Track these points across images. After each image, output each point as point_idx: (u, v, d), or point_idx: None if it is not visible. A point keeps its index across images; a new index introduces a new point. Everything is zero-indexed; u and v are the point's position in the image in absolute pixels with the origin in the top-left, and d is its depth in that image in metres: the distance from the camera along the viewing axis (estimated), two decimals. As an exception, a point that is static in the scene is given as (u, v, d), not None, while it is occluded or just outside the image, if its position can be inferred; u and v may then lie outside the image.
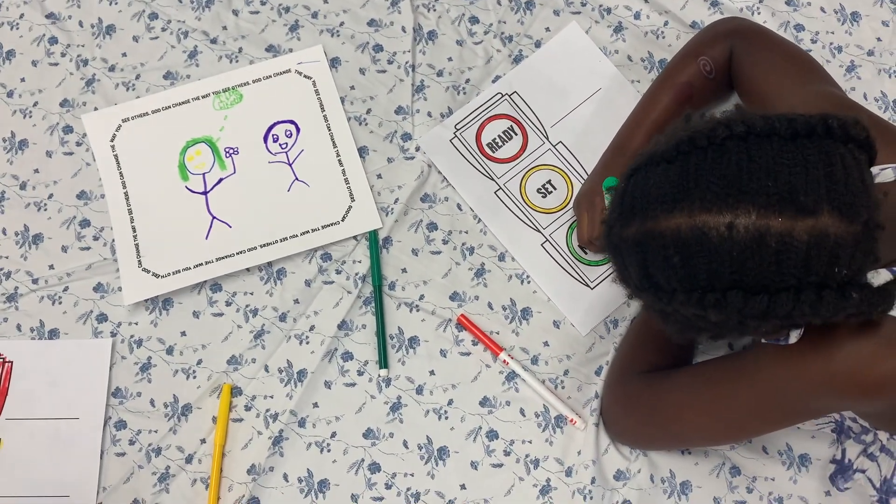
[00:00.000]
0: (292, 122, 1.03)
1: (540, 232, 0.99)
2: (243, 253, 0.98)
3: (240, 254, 0.98)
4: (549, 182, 1.01)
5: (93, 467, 0.91)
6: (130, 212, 1.00)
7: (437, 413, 0.93)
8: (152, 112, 1.04)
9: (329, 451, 0.92)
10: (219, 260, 0.97)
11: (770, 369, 0.71)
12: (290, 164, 1.02)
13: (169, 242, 0.98)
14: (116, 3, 1.09)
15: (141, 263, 0.97)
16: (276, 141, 1.03)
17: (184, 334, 0.96)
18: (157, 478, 0.91)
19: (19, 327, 0.96)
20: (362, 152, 1.03)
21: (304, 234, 0.99)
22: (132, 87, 1.05)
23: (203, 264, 0.97)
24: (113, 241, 0.99)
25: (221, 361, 0.95)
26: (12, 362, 0.94)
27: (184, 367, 0.95)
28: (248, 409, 0.93)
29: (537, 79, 1.05)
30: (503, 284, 0.98)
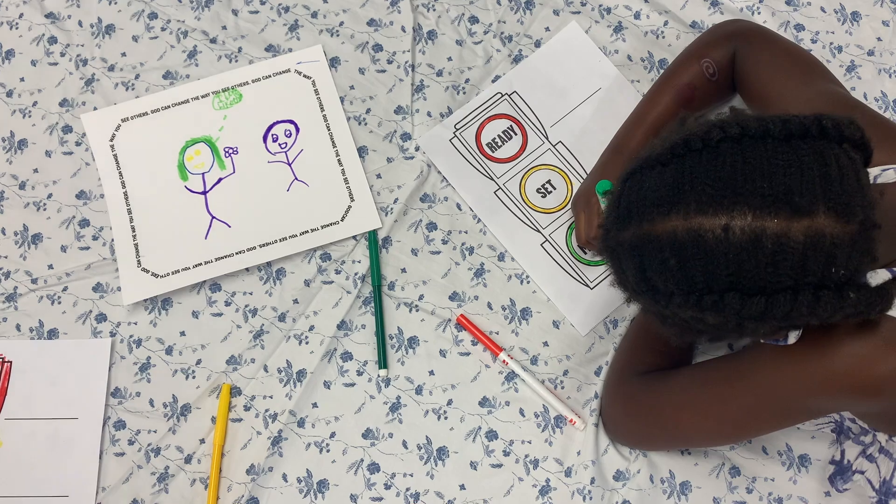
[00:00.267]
0: (292, 122, 1.03)
1: (539, 232, 0.99)
2: (242, 253, 0.98)
3: (239, 254, 0.98)
4: (548, 182, 1.01)
5: (92, 467, 0.91)
6: (130, 211, 1.00)
7: (437, 413, 0.93)
8: (152, 112, 1.04)
9: (328, 451, 0.92)
10: (218, 260, 0.97)
11: (769, 370, 0.71)
12: (289, 164, 1.02)
13: (168, 242, 0.98)
14: (116, 2, 1.09)
15: (140, 263, 0.97)
16: (275, 141, 1.03)
17: (183, 334, 0.96)
18: (156, 478, 0.91)
19: (18, 327, 0.96)
20: (362, 152, 1.03)
21: (304, 233, 0.98)
22: (131, 86, 1.05)
23: (202, 264, 0.97)
24: (112, 240, 0.99)
25: (221, 361, 0.95)
26: (11, 362, 0.94)
27: (183, 367, 0.95)
28: (247, 409, 0.93)
29: (537, 79, 1.05)
30: (503, 284, 0.98)
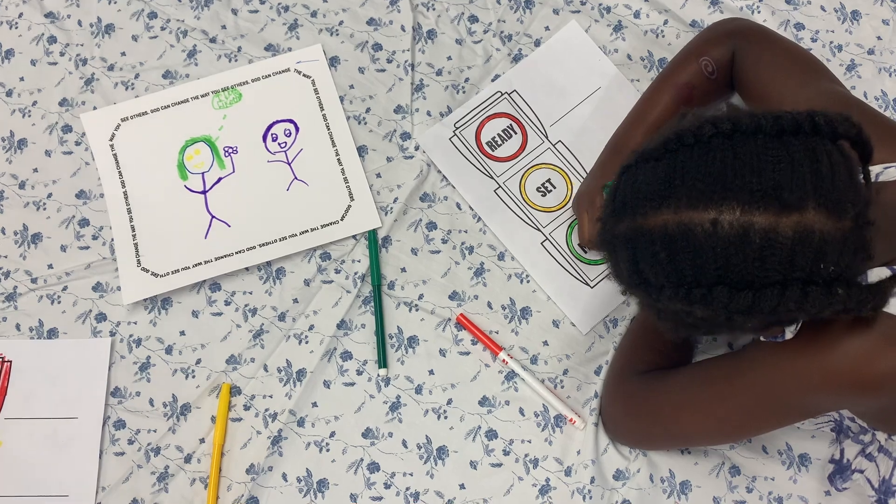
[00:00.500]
0: (291, 122, 1.03)
1: (539, 231, 0.99)
2: (242, 252, 0.98)
3: (239, 253, 0.98)
4: (548, 181, 1.01)
5: (92, 467, 0.91)
6: (129, 211, 0.99)
7: (437, 412, 0.93)
8: (151, 111, 1.04)
9: (328, 450, 0.92)
10: (218, 259, 0.97)
11: (768, 367, 0.71)
12: (289, 164, 1.01)
13: (168, 242, 0.98)
14: (115, 2, 1.09)
15: (140, 263, 0.97)
16: (275, 140, 1.03)
17: (183, 334, 0.96)
18: (156, 477, 0.91)
19: (18, 327, 0.96)
20: (361, 151, 1.03)
21: (303, 233, 0.98)
22: (131, 86, 1.05)
23: (202, 263, 0.97)
24: (112, 240, 0.99)
25: (220, 361, 0.95)
26: (11, 362, 0.94)
27: (183, 367, 0.95)
28: (247, 408, 0.93)
29: (537, 78, 1.05)
30: (502, 284, 0.98)
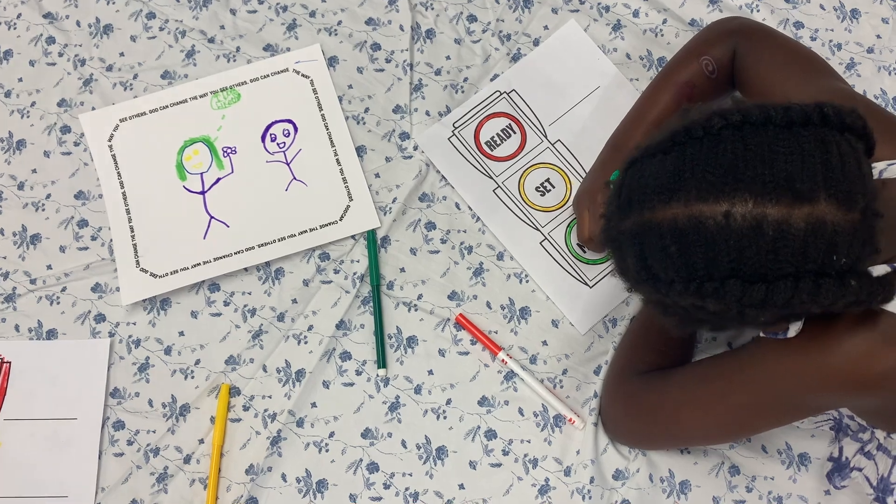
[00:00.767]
0: (290, 122, 1.03)
1: (538, 230, 0.99)
2: (241, 253, 0.98)
3: (238, 253, 0.97)
4: (547, 180, 1.01)
5: (91, 467, 0.91)
6: (128, 212, 0.99)
7: (436, 413, 0.93)
8: (150, 112, 1.03)
9: (327, 450, 0.92)
10: (217, 260, 0.97)
11: (768, 365, 0.71)
12: (287, 164, 1.01)
13: (167, 242, 0.98)
14: (114, 2, 1.09)
15: (139, 263, 0.97)
16: (273, 140, 1.02)
17: (182, 334, 0.96)
18: (155, 478, 0.91)
19: (17, 327, 0.96)
20: (360, 151, 1.02)
21: (302, 233, 0.98)
22: (130, 86, 1.05)
23: (201, 264, 0.97)
24: (111, 241, 0.99)
25: (219, 361, 0.95)
26: (10, 363, 0.94)
27: (182, 368, 0.95)
28: (246, 409, 0.93)
29: (536, 77, 1.05)
30: (502, 283, 0.97)
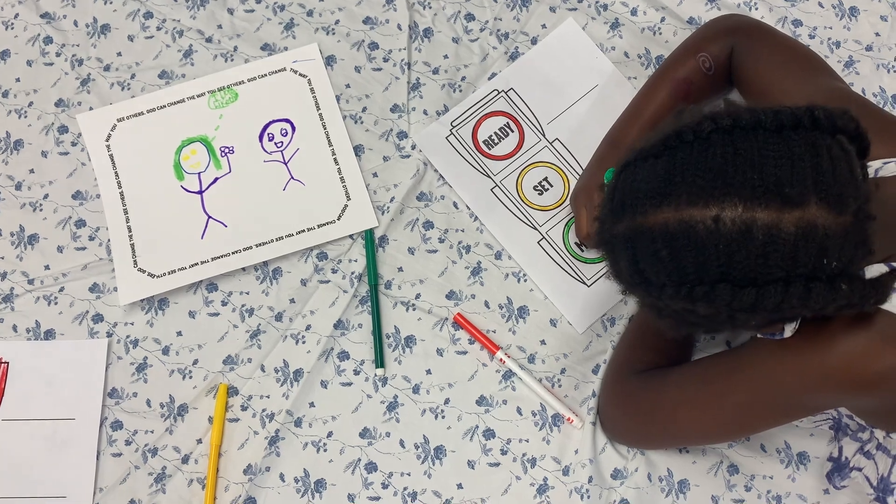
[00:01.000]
0: (287, 121, 1.03)
1: (536, 229, 0.99)
2: (239, 252, 0.97)
3: (235, 253, 0.97)
4: (545, 179, 1.01)
5: (89, 468, 0.91)
6: (126, 212, 0.99)
7: (434, 412, 0.93)
8: (147, 111, 1.03)
9: (325, 450, 0.92)
10: (214, 259, 0.97)
11: (766, 365, 0.71)
12: (285, 163, 1.01)
13: (164, 242, 0.98)
14: (111, 2, 1.09)
15: (136, 263, 0.97)
16: (271, 140, 1.02)
17: (180, 334, 0.96)
18: (153, 478, 0.91)
19: (15, 328, 0.96)
20: (358, 151, 1.02)
21: (300, 233, 0.98)
22: (127, 86, 1.05)
23: (199, 264, 0.97)
24: (108, 241, 0.99)
25: (217, 361, 0.95)
26: (8, 363, 0.94)
27: (180, 368, 0.95)
28: (244, 409, 0.93)
29: (534, 76, 1.05)
30: (500, 283, 0.97)
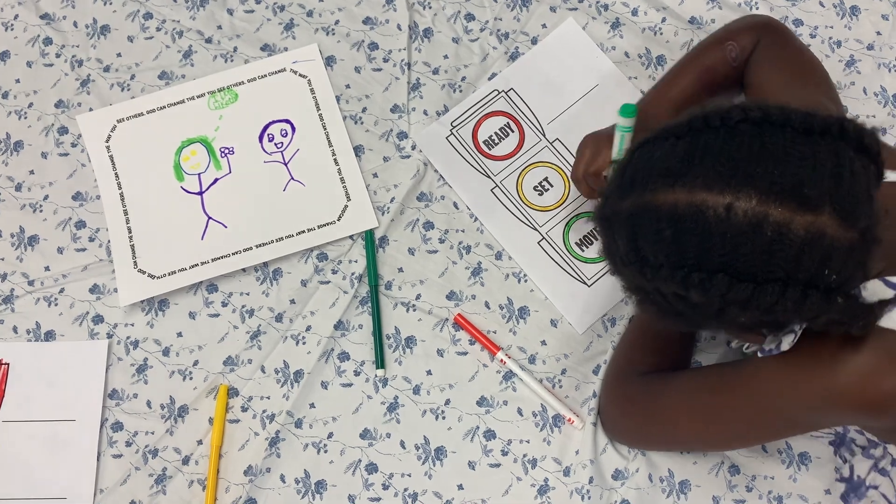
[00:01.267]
0: (287, 122, 1.03)
1: (537, 230, 0.99)
2: (239, 253, 0.97)
3: (235, 254, 0.97)
4: (545, 179, 1.01)
5: (89, 469, 0.91)
6: (126, 213, 0.99)
7: (435, 413, 0.93)
8: (147, 112, 1.03)
9: (326, 451, 0.92)
10: (214, 260, 0.97)
11: (770, 381, 0.70)
12: (285, 164, 1.01)
13: (164, 243, 0.98)
14: (111, 3, 1.09)
15: (137, 264, 0.97)
16: (271, 140, 1.02)
17: (180, 335, 0.96)
18: (153, 479, 0.91)
19: (15, 329, 0.96)
20: (358, 151, 1.02)
21: (300, 233, 0.98)
22: (127, 87, 1.05)
23: (199, 265, 0.97)
24: (108, 242, 0.99)
25: (218, 362, 0.95)
26: (9, 364, 0.94)
27: (180, 369, 0.95)
28: (244, 410, 0.93)
29: (534, 76, 1.04)
30: (500, 283, 0.97)
